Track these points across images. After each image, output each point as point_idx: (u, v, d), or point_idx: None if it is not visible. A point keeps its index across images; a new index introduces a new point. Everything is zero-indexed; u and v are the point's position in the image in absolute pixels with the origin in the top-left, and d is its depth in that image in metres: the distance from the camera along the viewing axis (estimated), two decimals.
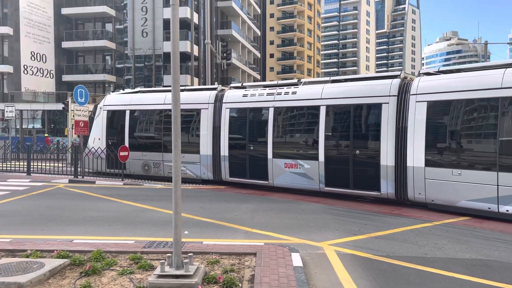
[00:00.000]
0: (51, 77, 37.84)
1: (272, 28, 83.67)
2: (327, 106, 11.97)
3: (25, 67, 35.21)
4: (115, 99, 16.78)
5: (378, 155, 11.07)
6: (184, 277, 4.91)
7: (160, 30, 34.48)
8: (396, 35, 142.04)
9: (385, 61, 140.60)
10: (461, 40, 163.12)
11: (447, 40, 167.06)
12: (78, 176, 15.44)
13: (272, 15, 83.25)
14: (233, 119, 14.09)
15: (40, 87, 35.99)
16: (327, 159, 11.92)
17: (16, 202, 11.01)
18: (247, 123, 13.84)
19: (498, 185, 9.02)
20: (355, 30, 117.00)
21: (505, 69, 9.31)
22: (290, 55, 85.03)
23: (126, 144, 15.93)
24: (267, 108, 13.23)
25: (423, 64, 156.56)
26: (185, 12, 30.99)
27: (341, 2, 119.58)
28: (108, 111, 16.47)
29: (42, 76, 36.87)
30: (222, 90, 14.97)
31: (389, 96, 11.01)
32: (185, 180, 14.62)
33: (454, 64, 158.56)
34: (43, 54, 36.83)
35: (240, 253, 6.16)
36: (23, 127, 35.23)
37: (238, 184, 14.09)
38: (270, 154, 13.08)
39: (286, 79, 73.08)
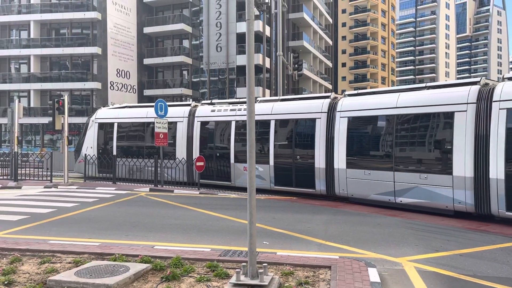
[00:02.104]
0: (134, 92, 40.53)
1: (344, 37, 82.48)
2: (276, 120, 14.58)
3: (112, 83, 38.10)
4: (105, 113, 19.30)
5: (313, 160, 13.64)
6: (259, 287, 4.95)
7: (233, 44, 35.58)
8: (479, 39, 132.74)
9: (467, 67, 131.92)
10: None
11: None
12: (158, 186, 16.28)
13: (344, 24, 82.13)
14: (203, 130, 16.54)
15: (124, 101, 38.66)
16: (276, 163, 14.54)
17: (104, 208, 11.88)
18: (214, 133, 16.45)
19: (394, 182, 11.60)
20: (433, 35, 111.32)
21: (400, 93, 12.01)
22: (363, 64, 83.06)
23: (114, 151, 18.35)
24: (230, 122, 15.70)
25: (511, 68, 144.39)
26: (257, 25, 31.67)
27: (418, 7, 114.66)
28: (99, 123, 19.09)
29: (126, 91, 39.62)
30: (196, 106, 17.37)
31: (321, 112, 13.59)
32: (166, 182, 16.51)
33: None
34: (127, 71, 39.61)
35: (314, 265, 6.09)
36: None
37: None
38: (232, 159, 15.58)
39: (359, 88, 71.58)
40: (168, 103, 19.55)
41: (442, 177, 10.69)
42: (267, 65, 36.37)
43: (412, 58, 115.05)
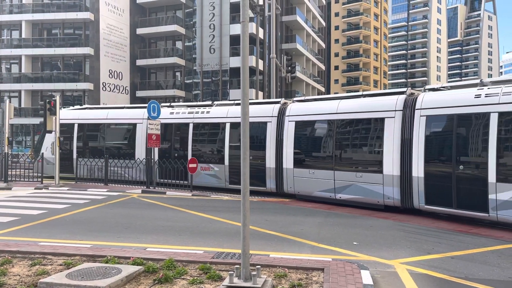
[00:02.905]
0: (126, 93, 40.30)
1: (337, 40, 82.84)
2: (231, 123, 15.55)
3: (104, 84, 37.86)
4: (66, 114, 19.44)
5: (264, 160, 14.79)
6: None
7: (227, 46, 35.56)
8: (470, 43, 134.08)
9: (458, 71, 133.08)
10: None
11: None
12: (150, 187, 16.20)
13: (337, 28, 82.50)
14: (162, 132, 16.71)
15: (116, 102, 38.45)
16: (230, 163, 15.43)
17: (95, 210, 11.79)
18: (173, 135, 17.22)
19: (334, 180, 12.89)
20: (425, 39, 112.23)
21: (340, 100, 13.45)
22: (356, 67, 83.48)
23: (74, 152, 19.06)
24: (188, 124, 16.47)
25: (501, 72, 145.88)
26: (250, 28, 31.71)
27: (410, 11, 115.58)
28: (60, 124, 18.91)
29: (118, 92, 39.40)
30: None
31: (271, 116, 14.80)
32: (124, 181, 17.28)
33: None
34: (119, 72, 39.40)
35: (307, 268, 6.09)
36: None
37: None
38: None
39: (351, 91, 71.93)
40: (127, 106, 20.45)
41: (374, 175, 12.08)
42: (260, 67, 36.41)
43: (404, 61, 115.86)
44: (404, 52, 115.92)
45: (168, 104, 18.70)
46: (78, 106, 21.88)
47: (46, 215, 10.78)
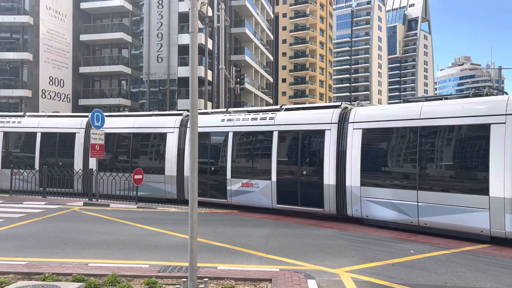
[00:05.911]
0: (68, 101, 38.57)
1: (284, 54, 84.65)
2: (42, 133, 17.31)
3: (43, 91, 35.99)
4: None
5: (73, 165, 16.69)
6: None
7: (175, 56, 35.20)
8: (408, 60, 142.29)
9: (397, 86, 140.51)
10: (474, 65, 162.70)
11: (460, 65, 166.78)
12: (93, 199, 15.54)
13: (284, 41, 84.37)
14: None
15: (57, 111, 36.69)
16: (43, 169, 16.48)
17: (32, 224, 11.10)
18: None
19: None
20: (367, 55, 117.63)
21: (135, 117, 16.99)
22: (302, 80, 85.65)
23: None
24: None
25: (436, 88, 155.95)
26: (200, 38, 31.58)
27: (353, 28, 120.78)
28: None
29: (60, 100, 37.61)
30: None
31: (80, 128, 17.17)
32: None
33: (468, 89, 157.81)
34: (61, 79, 37.66)
35: (255, 279, 6.10)
36: None
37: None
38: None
39: (299, 103, 73.60)
40: None
41: (159, 176, 15.58)
42: (209, 78, 36.31)
43: (348, 76, 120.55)
44: (348, 66, 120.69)
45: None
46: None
47: None
